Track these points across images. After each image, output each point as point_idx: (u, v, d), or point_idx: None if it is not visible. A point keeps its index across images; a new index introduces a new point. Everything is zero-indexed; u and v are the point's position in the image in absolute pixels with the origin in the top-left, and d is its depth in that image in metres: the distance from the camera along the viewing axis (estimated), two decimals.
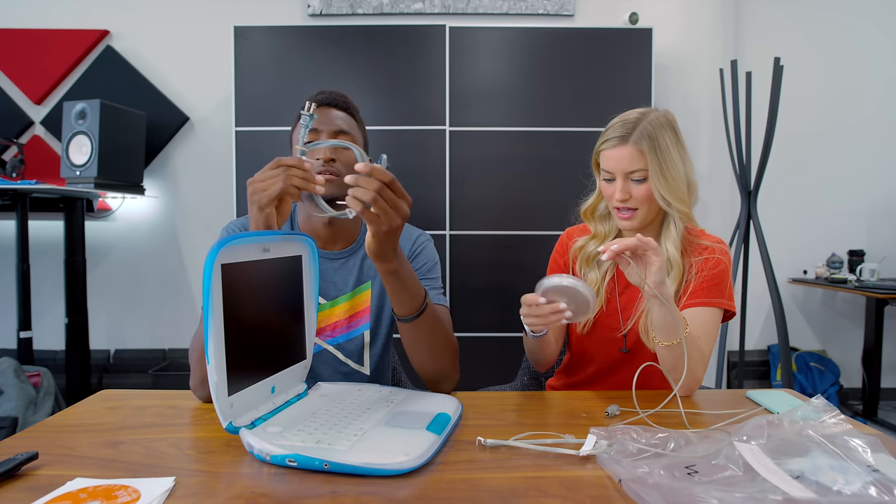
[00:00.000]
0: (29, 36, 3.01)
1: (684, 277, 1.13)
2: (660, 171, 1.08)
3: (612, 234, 1.22)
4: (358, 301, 1.19)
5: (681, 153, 1.11)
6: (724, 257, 1.13)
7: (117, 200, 3.07)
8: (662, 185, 1.08)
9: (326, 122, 1.13)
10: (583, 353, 1.24)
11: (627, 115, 1.13)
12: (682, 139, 1.13)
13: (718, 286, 1.11)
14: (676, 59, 3.03)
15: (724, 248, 1.15)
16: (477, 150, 2.75)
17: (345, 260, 1.20)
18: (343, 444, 0.74)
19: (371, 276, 1.20)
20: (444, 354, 1.05)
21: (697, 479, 0.65)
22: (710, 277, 1.11)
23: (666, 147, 1.08)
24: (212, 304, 0.72)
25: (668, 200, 1.09)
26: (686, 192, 1.11)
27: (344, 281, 1.19)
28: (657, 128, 1.09)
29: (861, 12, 3.14)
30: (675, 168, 1.09)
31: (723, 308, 1.11)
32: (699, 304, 1.10)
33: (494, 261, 2.75)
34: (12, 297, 2.31)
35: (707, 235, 1.18)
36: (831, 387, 3.07)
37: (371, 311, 1.19)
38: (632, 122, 1.10)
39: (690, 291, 1.11)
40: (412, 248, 1.22)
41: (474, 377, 2.75)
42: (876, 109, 3.16)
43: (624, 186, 1.10)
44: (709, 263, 1.12)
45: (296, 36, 2.76)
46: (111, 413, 0.96)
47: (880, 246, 3.14)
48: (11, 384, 2.14)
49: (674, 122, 1.13)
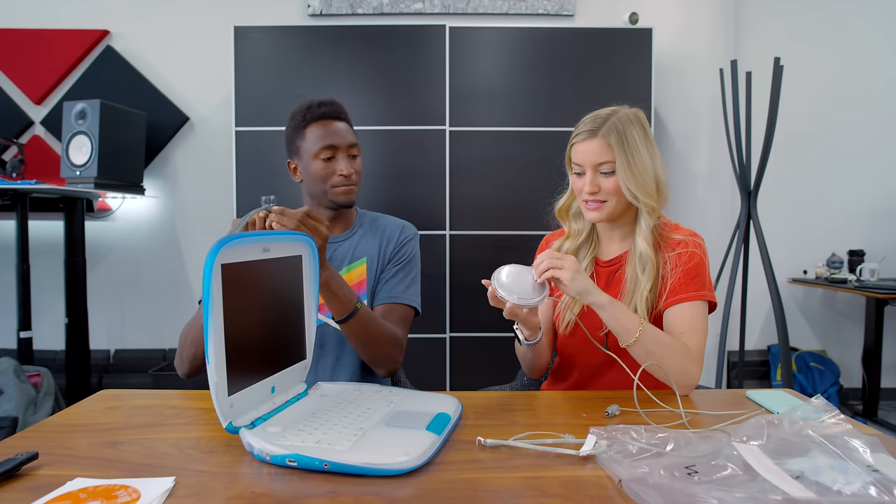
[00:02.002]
0: (29, 36, 3.01)
1: (660, 273, 1.13)
2: (627, 165, 1.10)
3: (586, 230, 1.25)
4: (353, 274, 1.33)
5: (649, 150, 1.13)
6: (698, 250, 1.13)
7: (117, 200, 3.07)
8: (629, 178, 1.10)
9: (339, 137, 1.27)
10: (568, 354, 1.25)
11: (598, 112, 1.16)
12: (651, 138, 1.16)
13: (696, 279, 1.11)
14: (676, 59, 3.02)
15: (698, 241, 1.15)
16: (477, 150, 2.75)
17: (342, 242, 1.36)
18: (343, 444, 0.73)
19: (366, 254, 1.35)
20: (376, 349, 1.22)
21: (697, 479, 0.65)
22: (686, 272, 1.11)
23: (634, 142, 1.11)
24: (212, 304, 0.72)
25: (635, 194, 1.11)
26: (654, 187, 1.12)
27: (341, 258, 1.34)
28: (626, 123, 1.12)
29: (861, 12, 3.14)
30: (643, 163, 1.11)
31: (705, 300, 1.11)
32: (680, 300, 1.10)
33: (494, 261, 2.72)
34: (12, 297, 2.31)
35: (681, 229, 1.18)
36: (831, 387, 3.07)
37: (367, 283, 1.33)
38: (602, 117, 1.14)
39: (669, 288, 1.11)
40: (398, 239, 1.37)
41: (474, 377, 2.76)
42: (876, 109, 3.16)
43: (593, 179, 1.13)
44: (683, 258, 1.12)
45: (296, 36, 2.76)
46: (111, 413, 0.96)
47: (880, 246, 3.14)
48: (11, 384, 2.14)
49: (643, 121, 1.16)
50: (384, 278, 1.34)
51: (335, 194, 1.29)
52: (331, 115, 1.28)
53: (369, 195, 2.68)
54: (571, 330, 1.20)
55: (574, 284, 1.00)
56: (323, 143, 1.25)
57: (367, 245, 1.36)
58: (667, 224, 1.19)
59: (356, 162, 1.31)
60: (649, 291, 1.11)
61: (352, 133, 1.30)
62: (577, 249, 1.25)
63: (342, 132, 1.28)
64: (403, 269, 1.35)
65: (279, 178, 2.70)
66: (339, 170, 1.26)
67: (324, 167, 1.26)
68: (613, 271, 1.20)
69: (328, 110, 1.28)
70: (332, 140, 1.26)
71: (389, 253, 1.36)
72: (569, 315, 1.19)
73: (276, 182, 2.71)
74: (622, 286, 1.16)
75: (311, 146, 1.27)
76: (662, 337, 1.05)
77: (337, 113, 1.29)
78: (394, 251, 1.36)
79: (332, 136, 1.26)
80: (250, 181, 2.72)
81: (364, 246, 1.36)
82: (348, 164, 1.27)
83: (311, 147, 1.27)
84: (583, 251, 1.25)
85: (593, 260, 1.24)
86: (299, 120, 1.28)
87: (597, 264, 1.23)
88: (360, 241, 1.36)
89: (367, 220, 1.41)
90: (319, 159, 1.26)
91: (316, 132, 1.26)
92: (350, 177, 1.28)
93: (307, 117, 1.27)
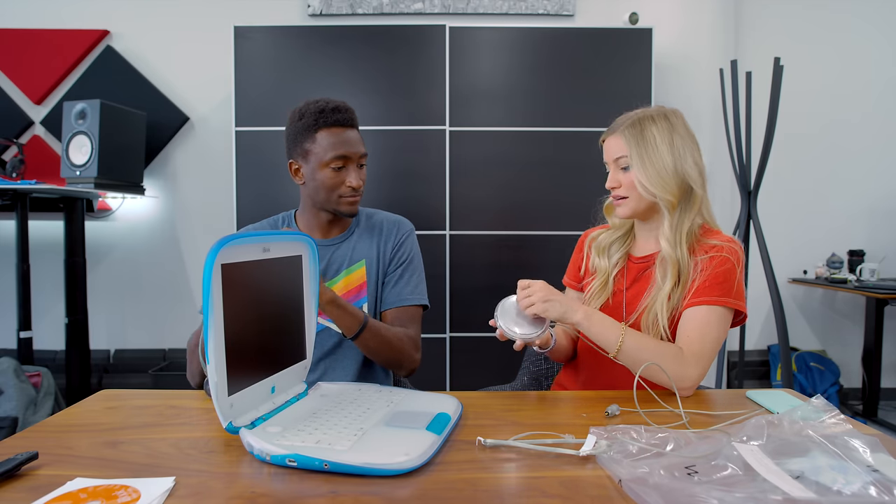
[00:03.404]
0: (29, 36, 3.01)
1: (689, 276, 1.11)
2: (640, 160, 1.10)
3: (625, 226, 1.26)
4: (353, 277, 1.32)
5: (673, 146, 1.11)
6: (731, 256, 1.10)
7: (117, 200, 3.07)
8: (642, 173, 1.10)
9: (352, 147, 1.25)
10: (587, 347, 1.24)
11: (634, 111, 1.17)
12: (685, 135, 1.13)
13: (723, 284, 1.08)
14: (676, 59, 3.03)
15: (734, 248, 1.11)
16: (477, 150, 2.75)
17: (339, 244, 1.34)
18: (343, 444, 0.73)
19: (364, 255, 1.34)
20: (390, 355, 1.24)
21: (697, 479, 0.65)
22: (714, 275, 1.08)
23: (651, 137, 1.11)
24: (212, 304, 0.72)
25: (650, 190, 1.10)
26: (674, 183, 1.10)
27: (339, 262, 1.33)
28: (645, 119, 1.12)
29: (860, 13, 3.14)
30: (660, 158, 1.10)
31: (727, 307, 1.08)
32: (699, 302, 1.07)
33: (494, 261, 2.75)
34: (12, 297, 2.31)
35: (720, 235, 1.15)
36: (831, 387, 3.07)
37: (368, 285, 1.32)
38: (628, 115, 1.16)
39: (694, 290, 1.09)
40: (396, 238, 1.36)
41: (474, 377, 2.76)
42: (875, 109, 3.16)
43: (613, 174, 1.15)
44: (714, 261, 1.09)
45: (296, 36, 2.75)
46: (111, 413, 0.96)
47: (880, 246, 3.14)
48: (11, 384, 2.14)
49: (671, 116, 1.14)
50: (390, 282, 1.34)
51: (342, 204, 1.27)
52: (344, 123, 1.25)
53: (369, 195, 2.68)
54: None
55: (551, 311, 1.04)
56: (336, 153, 1.22)
57: (365, 247, 1.34)
58: (708, 230, 1.17)
59: (363, 172, 1.29)
60: (670, 293, 1.10)
61: (362, 142, 1.28)
62: (612, 243, 1.25)
63: (355, 142, 1.25)
64: (407, 269, 1.35)
65: (279, 178, 2.71)
66: (349, 181, 1.24)
67: (333, 176, 1.24)
68: (644, 268, 1.20)
69: (342, 118, 1.24)
70: (346, 150, 1.23)
71: (389, 254, 1.35)
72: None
73: (276, 182, 2.71)
74: (649, 285, 1.15)
75: (322, 153, 1.23)
76: (647, 343, 1.04)
77: (350, 121, 1.26)
78: (393, 251, 1.35)
79: (345, 146, 1.23)
80: (250, 181, 2.72)
81: (362, 248, 1.34)
82: (358, 176, 1.26)
83: (322, 154, 1.23)
84: (616, 245, 1.25)
85: (626, 255, 1.24)
86: (310, 122, 1.23)
87: (629, 259, 1.23)
88: (358, 242, 1.35)
89: (363, 218, 1.39)
90: (329, 168, 1.23)
91: (329, 139, 1.23)
92: (359, 189, 1.27)
93: (320, 121, 1.23)
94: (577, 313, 1.04)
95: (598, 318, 1.05)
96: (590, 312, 1.05)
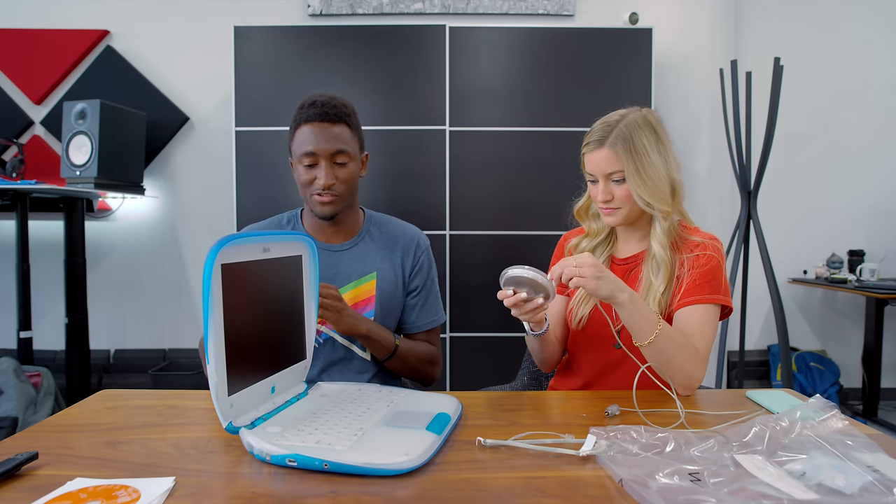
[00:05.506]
0: (29, 36, 3.01)
1: (674, 274, 1.13)
2: (636, 173, 1.09)
3: (605, 230, 1.25)
4: (362, 290, 1.27)
5: (661, 153, 1.12)
6: (716, 253, 1.13)
7: (117, 200, 3.07)
8: (640, 185, 1.10)
9: (322, 143, 1.16)
10: (579, 350, 1.24)
11: (608, 117, 1.15)
12: (665, 138, 1.14)
13: (712, 282, 1.10)
14: (676, 59, 3.02)
15: (717, 245, 1.14)
16: (477, 150, 2.75)
17: (347, 251, 1.28)
18: (343, 444, 0.74)
19: (375, 268, 1.28)
20: (419, 372, 1.30)
21: (697, 479, 0.65)
22: (702, 274, 1.11)
23: (643, 147, 1.10)
24: (212, 304, 0.72)
25: (647, 201, 1.10)
26: (667, 191, 1.11)
27: (349, 271, 1.27)
28: (633, 129, 1.10)
29: (860, 14, 3.13)
30: (654, 168, 1.10)
31: (718, 304, 1.11)
32: (692, 301, 1.09)
33: (494, 261, 2.75)
34: (12, 297, 2.31)
35: (700, 232, 1.18)
36: (831, 387, 3.07)
37: (376, 299, 1.27)
38: (610, 124, 1.12)
39: (684, 289, 1.11)
40: (415, 257, 1.32)
41: (474, 377, 2.76)
42: (875, 109, 3.16)
43: (605, 188, 1.13)
44: (700, 260, 1.12)
45: (296, 36, 2.75)
46: (111, 413, 0.96)
47: (880, 246, 3.14)
48: (11, 384, 2.14)
49: (654, 122, 1.14)
50: (416, 304, 1.32)
51: (313, 204, 1.21)
52: (320, 118, 1.16)
53: (370, 195, 2.68)
54: (584, 326, 1.20)
55: (602, 290, 0.97)
56: (303, 150, 1.16)
57: (377, 258, 1.28)
58: (686, 226, 1.19)
59: (344, 170, 1.19)
60: (662, 293, 1.11)
61: (342, 139, 1.18)
62: (594, 248, 1.25)
63: (327, 137, 1.16)
64: (430, 291, 1.34)
65: (279, 179, 2.71)
66: (318, 179, 1.17)
67: (305, 173, 1.18)
68: (629, 269, 1.20)
69: (317, 112, 1.16)
70: (313, 146, 1.16)
71: (408, 275, 1.30)
72: (582, 310, 1.19)
73: (276, 182, 2.71)
74: (637, 285, 1.16)
75: (296, 149, 1.19)
76: (677, 338, 1.04)
77: (328, 115, 1.17)
78: (413, 272, 1.31)
79: (313, 142, 1.16)
80: (250, 181, 2.72)
81: (373, 259, 1.28)
82: (330, 174, 1.16)
83: (295, 150, 1.19)
84: (599, 249, 1.25)
85: (609, 258, 1.24)
86: (294, 117, 1.20)
87: (613, 262, 1.24)
88: (368, 252, 1.28)
89: (374, 225, 1.33)
90: (302, 165, 1.18)
91: (302, 135, 1.18)
92: (332, 187, 1.17)
93: (298, 118, 1.19)
94: (623, 293, 0.99)
95: (641, 305, 1.02)
96: (635, 297, 1.01)
